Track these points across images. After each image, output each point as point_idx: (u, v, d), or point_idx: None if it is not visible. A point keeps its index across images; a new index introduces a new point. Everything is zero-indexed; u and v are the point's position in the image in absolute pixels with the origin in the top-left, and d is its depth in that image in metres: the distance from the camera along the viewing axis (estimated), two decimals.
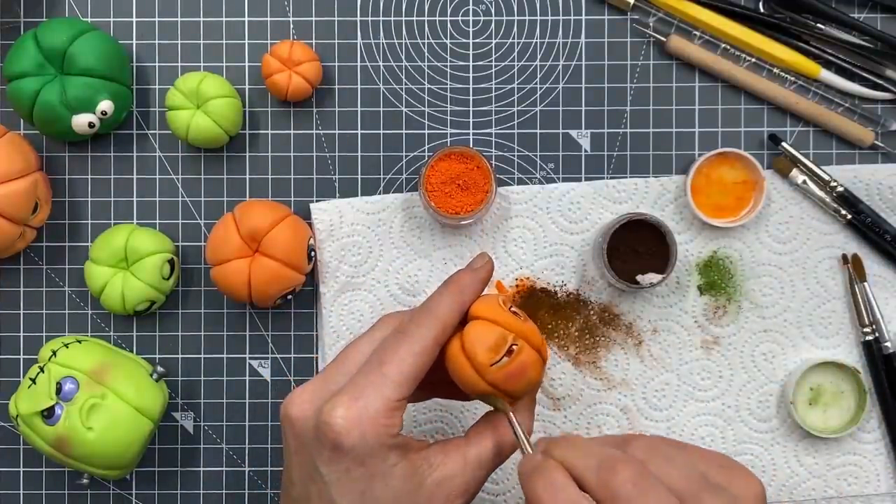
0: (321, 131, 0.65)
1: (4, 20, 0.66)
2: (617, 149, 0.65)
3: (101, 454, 0.59)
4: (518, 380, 0.49)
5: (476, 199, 0.61)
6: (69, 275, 0.66)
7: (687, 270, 0.64)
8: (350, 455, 0.47)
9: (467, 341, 0.49)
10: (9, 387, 0.65)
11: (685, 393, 0.64)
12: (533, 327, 0.50)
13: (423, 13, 0.65)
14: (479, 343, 0.48)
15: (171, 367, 0.65)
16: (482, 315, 0.50)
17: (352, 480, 0.47)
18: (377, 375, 0.48)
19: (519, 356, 0.48)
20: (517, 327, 0.49)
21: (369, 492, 0.47)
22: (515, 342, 0.48)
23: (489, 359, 0.48)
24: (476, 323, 0.49)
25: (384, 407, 0.47)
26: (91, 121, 0.61)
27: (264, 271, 0.60)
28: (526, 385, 0.50)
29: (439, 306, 0.50)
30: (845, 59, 0.64)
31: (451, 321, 0.50)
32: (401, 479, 0.47)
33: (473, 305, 0.51)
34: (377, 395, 0.47)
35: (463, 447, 0.50)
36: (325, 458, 0.47)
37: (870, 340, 0.63)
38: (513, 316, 0.49)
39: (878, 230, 0.63)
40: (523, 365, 0.49)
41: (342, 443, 0.46)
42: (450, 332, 0.50)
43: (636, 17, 0.65)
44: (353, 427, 0.46)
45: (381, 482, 0.47)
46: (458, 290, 0.51)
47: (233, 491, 0.65)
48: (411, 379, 0.48)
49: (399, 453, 0.48)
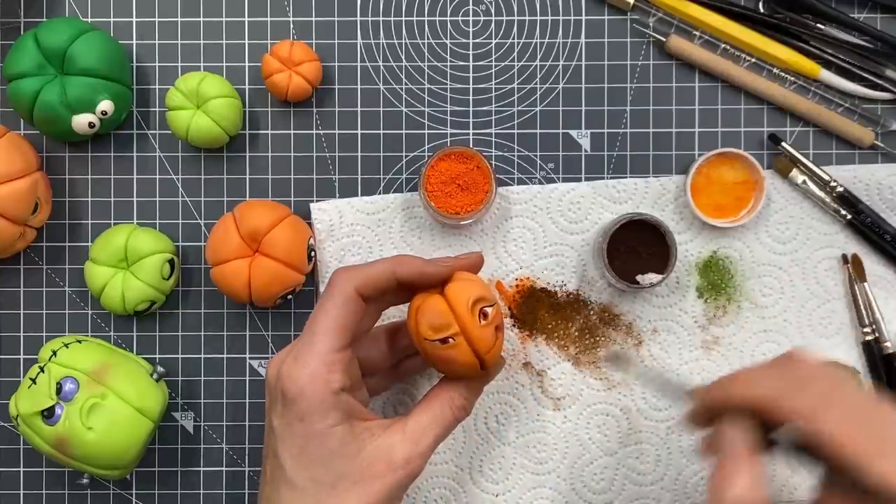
0: (321, 131, 0.65)
1: (4, 20, 0.66)
2: (617, 149, 0.65)
3: (101, 454, 0.59)
4: (443, 366, 0.53)
5: (476, 199, 0.61)
6: (69, 275, 0.66)
7: (687, 270, 0.64)
8: (292, 409, 0.50)
9: (421, 308, 0.52)
10: (9, 387, 0.65)
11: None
12: (487, 337, 0.52)
13: (423, 13, 0.65)
14: (425, 317, 0.51)
15: (171, 367, 0.65)
16: (448, 295, 0.52)
17: (293, 435, 0.50)
18: (308, 333, 0.51)
19: (449, 350, 0.51)
20: (466, 327, 0.51)
21: (307, 448, 0.49)
22: (454, 337, 0.51)
23: (427, 333, 0.51)
24: (438, 298, 0.52)
25: (318, 361, 0.50)
26: (91, 121, 0.61)
27: (264, 271, 0.60)
28: (453, 375, 0.53)
29: (370, 264, 0.53)
30: (845, 59, 0.64)
31: (379, 277, 0.53)
32: (339, 442, 0.49)
33: (453, 282, 0.53)
34: (309, 351, 0.50)
35: (403, 420, 0.52)
36: (277, 412, 0.51)
37: (870, 341, 0.63)
38: (470, 316, 0.51)
39: (878, 230, 0.63)
40: (450, 358, 0.51)
41: (286, 395, 0.50)
42: (379, 287, 0.53)
43: (636, 17, 0.65)
44: (294, 383, 0.50)
45: (318, 440, 0.49)
46: (397, 259, 0.53)
47: (233, 491, 0.65)
48: (335, 330, 0.51)
49: (340, 416, 0.50)
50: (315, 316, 0.52)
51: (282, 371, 0.51)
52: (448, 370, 0.53)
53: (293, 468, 0.49)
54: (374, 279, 0.53)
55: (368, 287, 0.53)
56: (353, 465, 0.49)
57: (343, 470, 0.49)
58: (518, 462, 0.64)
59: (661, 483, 0.64)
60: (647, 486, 0.64)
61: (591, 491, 0.64)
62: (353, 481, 0.49)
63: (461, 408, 0.54)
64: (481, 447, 0.64)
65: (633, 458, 0.64)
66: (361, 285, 0.52)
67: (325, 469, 0.49)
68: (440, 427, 0.52)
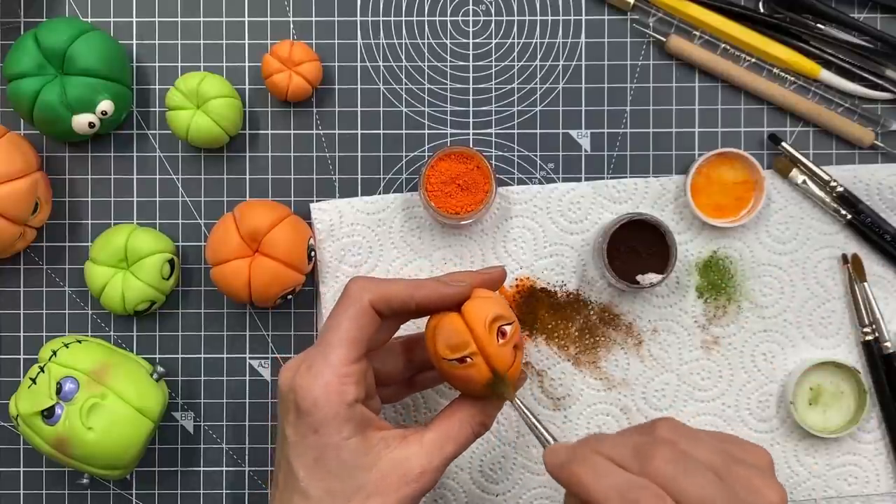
0: (321, 131, 0.65)
1: (4, 20, 0.66)
2: (617, 149, 0.65)
3: (101, 454, 0.59)
4: (461, 385, 0.52)
5: (476, 199, 0.61)
6: (69, 275, 0.66)
7: (687, 270, 0.64)
8: (306, 421, 0.49)
9: (438, 327, 0.51)
10: (9, 387, 0.65)
11: (685, 393, 0.64)
12: (506, 356, 0.50)
13: (423, 13, 0.65)
14: (442, 336, 0.51)
15: (171, 367, 0.65)
16: (465, 313, 0.51)
17: (307, 446, 0.49)
18: (322, 344, 0.51)
19: (467, 369, 0.50)
20: (484, 346, 0.50)
21: (322, 460, 0.49)
22: (472, 356, 0.50)
23: (444, 353, 0.50)
24: (455, 317, 0.51)
25: (332, 373, 0.49)
26: (91, 121, 0.61)
27: (264, 271, 0.60)
28: (471, 394, 0.52)
29: (389, 281, 0.53)
30: (845, 59, 0.64)
31: (395, 298, 0.52)
32: (353, 454, 0.49)
33: (471, 300, 0.52)
34: (323, 361, 0.50)
35: (421, 432, 0.51)
36: (290, 422, 0.50)
37: (869, 340, 0.63)
38: (488, 335, 0.50)
39: (878, 230, 0.63)
40: (468, 377, 0.50)
41: (299, 406, 0.49)
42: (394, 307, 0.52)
43: (636, 17, 0.65)
44: (308, 393, 0.49)
45: (332, 452, 0.49)
46: (415, 284, 0.52)
47: (233, 491, 0.65)
48: (350, 341, 0.50)
49: (355, 427, 0.49)
50: (329, 325, 0.51)
51: (295, 381, 0.50)
52: (465, 389, 0.52)
53: (307, 479, 0.49)
54: (390, 298, 0.52)
55: (384, 304, 0.51)
56: (369, 477, 0.49)
57: (358, 482, 0.49)
58: (518, 462, 0.64)
59: None
60: None
61: None
62: (368, 493, 0.48)
63: (481, 424, 0.52)
64: (481, 447, 0.64)
65: None
66: (377, 300, 0.51)
67: (339, 481, 0.49)
68: (458, 442, 0.51)
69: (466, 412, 0.52)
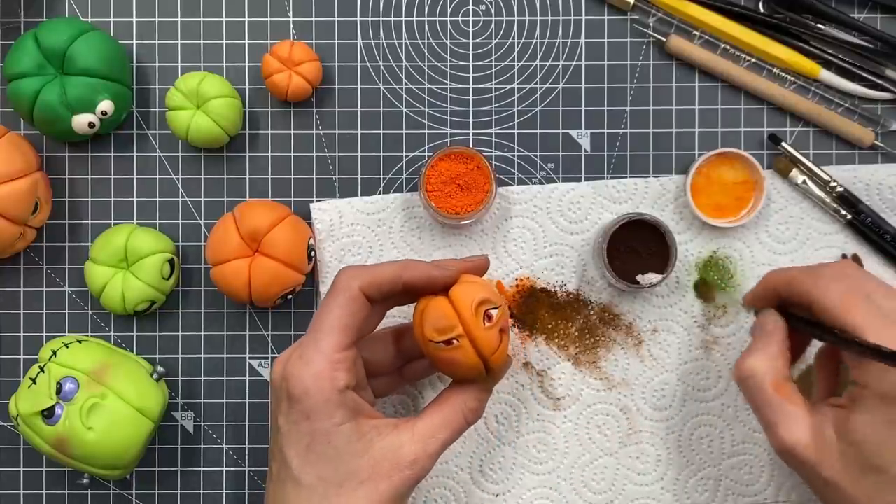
0: (321, 131, 0.65)
1: (4, 20, 0.66)
2: (617, 149, 0.65)
3: (101, 454, 0.59)
4: (447, 368, 0.52)
5: (476, 199, 0.61)
6: (69, 275, 0.66)
7: (687, 270, 0.64)
8: (298, 408, 0.49)
9: (426, 310, 0.52)
10: (9, 387, 0.65)
11: (685, 393, 0.64)
12: (492, 339, 0.51)
13: (423, 13, 0.65)
14: (430, 319, 0.51)
15: (171, 367, 0.65)
16: (453, 297, 0.52)
17: (299, 433, 0.50)
18: (313, 332, 0.51)
19: (453, 352, 0.51)
20: (470, 329, 0.51)
21: (313, 446, 0.49)
22: (458, 339, 0.51)
23: (431, 335, 0.51)
24: (442, 300, 0.52)
25: (323, 359, 0.50)
26: (91, 121, 0.61)
27: (264, 271, 0.60)
28: (457, 377, 0.53)
29: (377, 265, 0.54)
30: (845, 59, 0.64)
31: (384, 280, 0.52)
32: (345, 440, 0.49)
33: (458, 284, 0.53)
34: (314, 349, 0.50)
35: (413, 420, 0.52)
36: (282, 411, 0.51)
37: None
38: (474, 318, 0.51)
39: (878, 230, 0.63)
40: (454, 360, 0.51)
41: (291, 394, 0.50)
42: (384, 290, 0.53)
43: (636, 17, 0.65)
44: (299, 381, 0.50)
45: (324, 438, 0.49)
46: (403, 264, 0.53)
47: (233, 491, 0.65)
48: (340, 328, 0.51)
49: (347, 414, 0.50)
50: (319, 314, 0.52)
51: (287, 370, 0.50)
52: (452, 372, 0.53)
53: (299, 466, 0.49)
54: (380, 281, 0.53)
55: (373, 288, 0.52)
56: (361, 463, 0.49)
57: (350, 468, 0.49)
58: (518, 462, 0.64)
59: (661, 483, 0.64)
60: (647, 486, 0.64)
61: (591, 491, 0.64)
62: (360, 480, 0.49)
63: (473, 410, 0.53)
64: (481, 447, 0.64)
65: (633, 458, 0.64)
66: (366, 285, 0.52)
67: (331, 467, 0.49)
68: (450, 430, 0.52)
69: (457, 399, 0.53)
